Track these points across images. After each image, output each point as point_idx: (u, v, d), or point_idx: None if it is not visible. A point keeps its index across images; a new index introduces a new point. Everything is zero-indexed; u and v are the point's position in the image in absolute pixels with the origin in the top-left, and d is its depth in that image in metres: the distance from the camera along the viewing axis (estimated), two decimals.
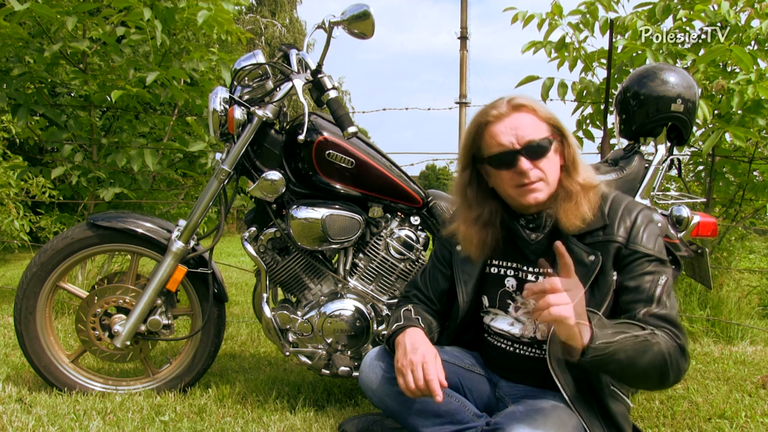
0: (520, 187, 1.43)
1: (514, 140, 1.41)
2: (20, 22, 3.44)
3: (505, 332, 1.54)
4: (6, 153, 5.66)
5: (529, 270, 1.51)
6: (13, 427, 1.81)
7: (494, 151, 1.43)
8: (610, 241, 1.39)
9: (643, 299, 1.35)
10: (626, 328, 1.26)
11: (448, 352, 1.61)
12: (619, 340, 1.21)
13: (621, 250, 1.39)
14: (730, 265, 3.77)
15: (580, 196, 1.42)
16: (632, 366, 1.23)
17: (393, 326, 1.53)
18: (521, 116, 1.42)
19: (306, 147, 1.97)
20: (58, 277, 2.10)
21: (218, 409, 2.01)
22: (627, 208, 1.43)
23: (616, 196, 1.47)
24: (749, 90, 2.88)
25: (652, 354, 1.24)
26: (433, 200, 2.10)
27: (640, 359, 1.23)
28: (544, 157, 1.41)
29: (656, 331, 1.28)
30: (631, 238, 1.39)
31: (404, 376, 1.36)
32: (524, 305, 1.51)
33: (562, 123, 1.45)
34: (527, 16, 3.51)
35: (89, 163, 3.71)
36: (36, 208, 6.00)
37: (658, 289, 1.34)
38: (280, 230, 2.03)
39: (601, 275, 1.39)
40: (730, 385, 2.37)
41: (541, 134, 1.42)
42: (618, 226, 1.40)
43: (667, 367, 1.26)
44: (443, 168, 27.95)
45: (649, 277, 1.36)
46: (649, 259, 1.38)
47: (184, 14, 3.44)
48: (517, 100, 1.44)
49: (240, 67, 2.03)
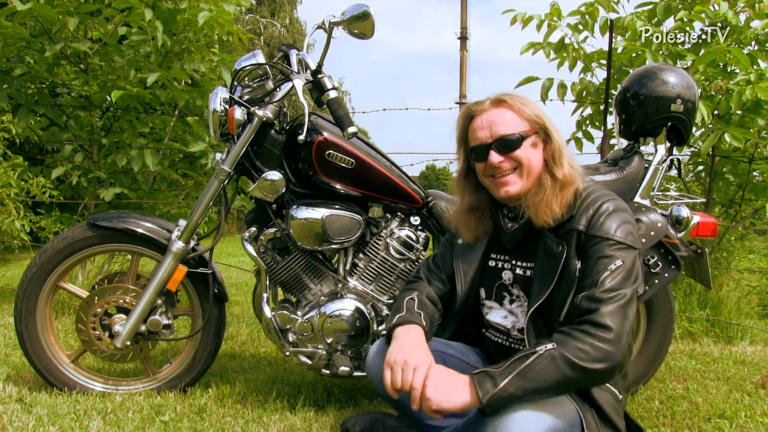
0: (492, 179, 1.51)
1: (488, 134, 1.48)
2: (21, 22, 3.44)
3: (500, 325, 1.58)
4: (6, 153, 5.66)
5: (517, 264, 1.55)
6: (13, 427, 1.81)
7: (473, 144, 1.53)
8: (573, 230, 1.41)
9: (589, 284, 1.34)
10: (512, 365, 1.24)
11: (454, 347, 1.63)
12: (503, 386, 1.21)
13: (581, 237, 1.40)
14: (729, 265, 3.78)
15: (552, 192, 1.44)
16: (537, 392, 1.23)
17: (395, 318, 1.54)
18: (500, 111, 1.48)
19: (306, 147, 1.97)
20: (59, 277, 2.10)
21: (218, 409, 2.01)
22: (594, 199, 1.43)
23: (591, 190, 1.46)
24: (748, 91, 2.88)
25: (549, 374, 1.23)
26: (433, 200, 2.10)
27: (539, 383, 1.23)
28: (515, 151, 1.45)
29: (548, 345, 1.26)
30: (591, 225, 1.39)
31: (393, 373, 1.36)
32: (518, 298, 1.54)
33: (546, 120, 1.49)
34: (526, 18, 3.52)
35: (89, 164, 3.71)
36: (36, 208, 6.00)
37: (605, 273, 1.32)
38: (280, 230, 2.03)
39: (566, 265, 1.40)
40: (730, 385, 2.37)
41: (516, 129, 1.46)
42: (581, 215, 1.41)
43: (571, 376, 1.24)
44: (443, 168, 27.87)
45: (603, 261, 1.34)
46: (607, 243, 1.36)
47: (185, 15, 3.45)
48: (500, 97, 1.49)
49: (240, 67, 2.03)
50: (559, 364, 1.24)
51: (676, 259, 1.97)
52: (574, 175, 1.47)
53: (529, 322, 1.45)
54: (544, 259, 1.45)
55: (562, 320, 1.39)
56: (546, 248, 1.45)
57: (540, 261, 1.47)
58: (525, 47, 3.58)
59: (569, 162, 1.48)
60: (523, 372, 1.23)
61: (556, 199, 1.43)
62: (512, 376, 1.23)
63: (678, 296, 3.40)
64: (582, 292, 1.34)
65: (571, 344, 1.26)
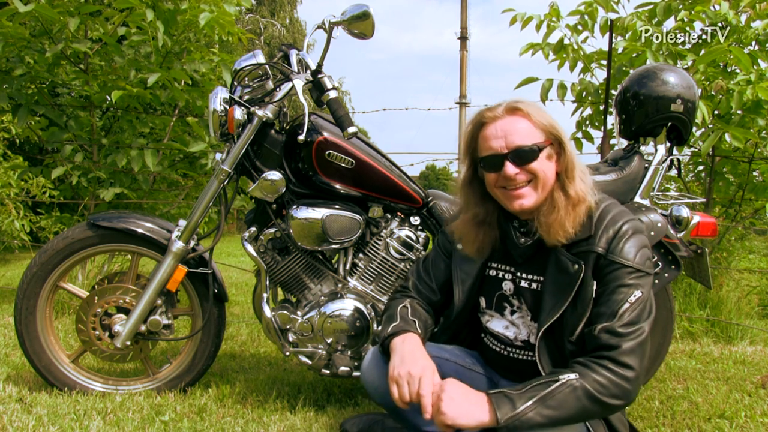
0: (506, 191, 1.44)
1: (503, 144, 1.40)
2: (22, 22, 3.44)
3: (501, 335, 1.56)
4: (6, 153, 5.66)
5: (522, 276, 1.51)
6: (13, 427, 1.81)
7: (484, 153, 1.45)
8: (591, 251, 1.37)
9: (608, 313, 1.32)
10: (532, 390, 1.25)
11: (449, 350, 1.61)
12: (522, 409, 1.21)
13: (600, 260, 1.36)
14: (729, 265, 3.78)
15: (565, 210, 1.40)
16: (554, 419, 1.23)
17: (389, 327, 1.51)
18: (514, 120, 1.41)
19: (306, 147, 1.97)
20: (59, 277, 2.10)
21: (218, 409, 2.01)
22: (613, 218, 1.39)
23: (607, 206, 1.43)
24: (748, 91, 2.88)
25: (569, 404, 1.24)
26: (433, 200, 2.10)
27: (559, 411, 1.23)
28: (532, 163, 1.40)
29: (570, 375, 1.26)
30: (611, 249, 1.36)
31: (399, 387, 1.35)
32: (519, 309, 1.52)
33: (560, 131, 1.43)
34: (525, 18, 3.51)
35: (89, 164, 3.71)
36: (36, 208, 6.00)
37: (624, 305, 1.31)
38: (280, 230, 2.03)
39: (582, 286, 1.37)
40: (730, 385, 2.37)
41: (533, 140, 1.40)
42: (601, 236, 1.37)
43: (589, 408, 1.25)
44: (443, 168, 27.90)
45: (622, 290, 1.33)
46: (627, 270, 1.34)
47: (186, 15, 3.45)
48: (514, 104, 1.43)
49: (240, 67, 2.03)
50: (579, 395, 1.24)
51: (676, 259, 1.97)
52: (585, 190, 1.42)
53: (540, 340, 1.43)
54: (557, 275, 1.41)
55: (574, 340, 1.38)
56: (559, 264, 1.41)
57: (551, 276, 1.43)
58: (524, 48, 3.57)
59: (581, 176, 1.43)
60: (544, 399, 1.23)
61: (569, 218, 1.39)
62: (533, 401, 1.23)
63: (678, 296, 3.40)
64: (600, 323, 1.32)
65: (592, 377, 1.26)
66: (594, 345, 1.32)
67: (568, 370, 1.29)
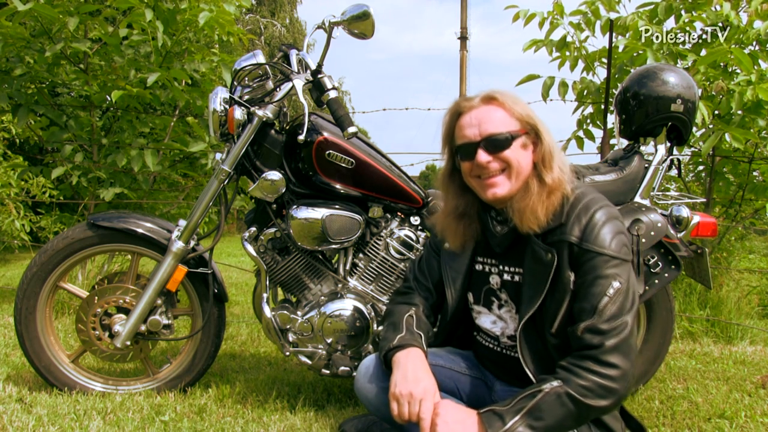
0: (480, 180, 1.44)
1: (477, 132, 1.41)
2: (21, 22, 3.44)
3: (489, 331, 1.56)
4: (6, 153, 5.66)
5: (505, 269, 1.51)
6: (13, 427, 1.81)
7: (459, 142, 1.46)
8: (563, 240, 1.35)
9: (588, 309, 1.30)
10: (519, 403, 1.25)
11: (443, 356, 1.61)
12: (511, 425, 1.22)
13: (574, 249, 1.34)
14: (729, 265, 3.78)
15: (539, 198, 1.38)
16: (544, 429, 1.24)
17: (395, 339, 1.48)
18: (489, 109, 1.42)
19: (306, 147, 1.97)
20: (59, 277, 2.10)
21: (218, 409, 2.01)
22: (585, 205, 1.36)
23: (579, 193, 1.40)
24: (749, 91, 2.88)
25: (557, 412, 1.24)
26: (433, 200, 2.10)
27: (547, 421, 1.24)
28: (505, 151, 1.39)
29: (554, 383, 1.26)
30: (585, 237, 1.33)
31: (400, 406, 1.35)
32: (506, 303, 1.51)
33: (537, 120, 1.42)
34: (528, 15, 3.52)
35: (89, 163, 3.71)
36: (36, 208, 6.00)
37: (604, 299, 1.29)
38: (280, 230, 2.03)
39: (557, 276, 1.35)
40: (730, 385, 2.37)
41: (506, 128, 1.40)
42: (573, 224, 1.35)
43: (577, 413, 1.25)
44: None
45: (600, 282, 1.30)
46: (603, 258, 1.31)
47: (186, 15, 3.45)
48: (491, 94, 1.43)
49: (240, 67, 2.03)
50: (565, 401, 1.24)
51: (676, 259, 1.97)
52: (562, 179, 1.40)
53: (521, 332, 1.42)
54: (533, 265, 1.40)
55: (554, 332, 1.37)
56: (534, 254, 1.40)
57: (529, 267, 1.42)
58: (527, 44, 3.58)
59: (560, 166, 1.41)
60: (531, 411, 1.24)
61: (542, 205, 1.37)
62: (520, 415, 1.23)
63: (678, 296, 3.40)
64: (583, 321, 1.30)
65: (576, 382, 1.25)
66: (577, 345, 1.31)
67: (553, 377, 1.29)
